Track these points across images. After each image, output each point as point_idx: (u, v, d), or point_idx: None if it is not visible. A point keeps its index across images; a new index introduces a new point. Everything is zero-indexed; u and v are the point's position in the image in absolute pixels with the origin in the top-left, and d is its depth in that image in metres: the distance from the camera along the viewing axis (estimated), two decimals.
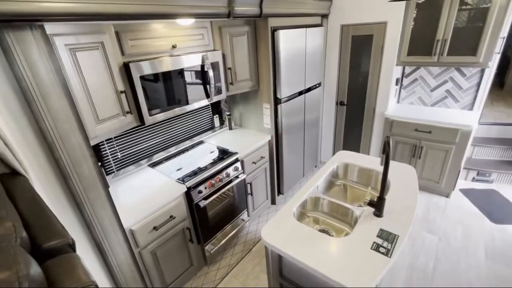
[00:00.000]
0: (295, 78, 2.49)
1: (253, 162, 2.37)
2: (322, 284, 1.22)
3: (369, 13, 2.65)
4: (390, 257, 1.16)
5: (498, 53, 2.48)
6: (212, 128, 2.65)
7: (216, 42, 2.02)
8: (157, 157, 2.20)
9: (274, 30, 2.17)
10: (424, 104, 3.11)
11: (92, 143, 1.40)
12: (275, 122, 2.52)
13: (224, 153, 2.22)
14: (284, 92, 2.40)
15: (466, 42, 2.38)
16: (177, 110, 1.85)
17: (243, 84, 2.28)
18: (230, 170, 2.13)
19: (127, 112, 1.57)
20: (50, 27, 1.15)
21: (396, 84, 3.05)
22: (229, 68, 2.12)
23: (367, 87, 2.99)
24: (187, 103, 1.90)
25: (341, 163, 1.97)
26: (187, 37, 1.81)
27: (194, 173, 1.93)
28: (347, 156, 2.03)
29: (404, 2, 2.47)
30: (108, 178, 1.89)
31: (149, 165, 2.11)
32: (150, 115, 1.69)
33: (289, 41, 2.28)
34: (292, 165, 2.87)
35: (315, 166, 3.48)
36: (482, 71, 2.66)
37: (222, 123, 2.74)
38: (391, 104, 3.06)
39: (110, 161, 1.91)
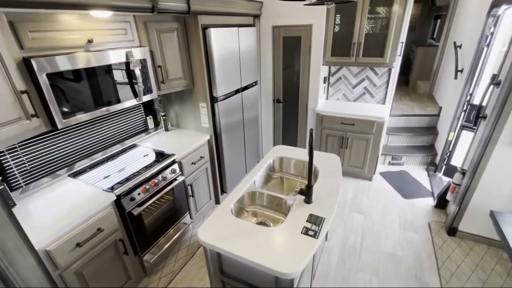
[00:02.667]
0: (230, 77, 2.51)
1: (192, 163, 2.31)
2: (260, 273, 1.27)
3: (296, 16, 2.84)
4: (317, 238, 1.27)
5: (400, 55, 2.94)
6: (146, 130, 2.48)
7: (142, 38, 1.89)
8: (79, 166, 1.96)
9: (205, 28, 2.15)
10: (348, 100, 3.49)
11: None
12: (213, 121, 2.50)
13: (160, 156, 2.10)
14: (220, 90, 2.40)
15: (376, 45, 2.76)
16: (99, 112, 1.67)
17: (176, 82, 2.20)
18: (167, 172, 2.03)
19: (33, 116, 1.36)
20: None
21: (324, 82, 3.35)
22: (159, 66, 2.02)
23: (300, 85, 3.21)
24: (111, 103, 1.73)
25: (276, 157, 2.07)
26: (106, 32, 1.65)
27: (126, 179, 1.78)
28: (281, 150, 2.15)
29: (325, 7, 2.72)
30: (14, 194, 1.60)
31: (69, 175, 1.87)
32: (64, 118, 1.49)
33: (221, 40, 2.29)
34: (234, 163, 2.90)
35: (258, 162, 3.58)
36: (390, 71, 3.12)
37: (157, 124, 2.59)
38: (321, 100, 3.35)
39: (15, 174, 1.61)
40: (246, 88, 2.84)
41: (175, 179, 2.11)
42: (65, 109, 1.49)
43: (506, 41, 2.12)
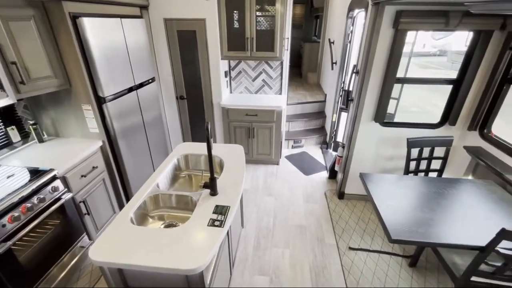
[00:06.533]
0: (119, 74, 2.25)
1: (82, 176, 1.98)
2: (168, 276, 1.21)
3: (187, 9, 2.78)
4: (223, 227, 1.31)
5: (287, 50, 3.29)
6: (8, 144, 1.97)
7: None
8: None
9: (76, 17, 1.83)
10: (250, 92, 3.69)
11: None
12: (104, 124, 2.20)
13: (33, 174, 1.71)
14: (108, 89, 2.12)
15: (266, 40, 2.99)
16: None
17: (44, 82, 1.81)
18: (45, 192, 1.67)
19: None
20: None
21: (226, 76, 3.42)
22: (13, 63, 1.61)
23: (202, 81, 3.18)
24: None
25: (181, 155, 2.00)
26: None
27: None
28: (186, 148, 2.10)
29: (216, 1, 2.75)
30: None
31: None
32: None
33: (101, 32, 2.01)
34: (138, 168, 2.65)
35: None
36: (282, 64, 3.46)
37: (26, 136, 2.09)
38: (225, 94, 3.42)
39: None
40: (141, 85, 2.61)
41: (59, 198, 1.76)
42: None
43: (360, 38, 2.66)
